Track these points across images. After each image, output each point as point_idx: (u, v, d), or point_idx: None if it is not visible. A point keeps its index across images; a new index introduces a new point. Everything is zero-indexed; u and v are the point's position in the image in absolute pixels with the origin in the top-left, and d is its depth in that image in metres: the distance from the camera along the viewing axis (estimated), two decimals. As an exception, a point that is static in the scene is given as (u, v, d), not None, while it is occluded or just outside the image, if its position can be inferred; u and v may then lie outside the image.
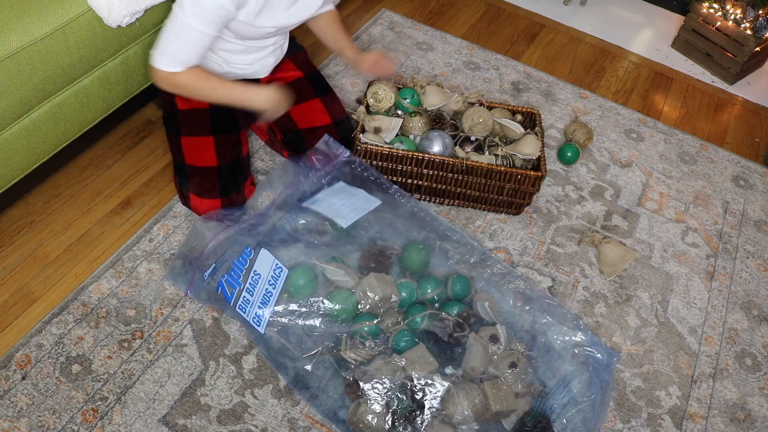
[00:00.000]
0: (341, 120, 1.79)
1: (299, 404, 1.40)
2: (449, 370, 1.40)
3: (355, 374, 1.36)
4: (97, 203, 1.71)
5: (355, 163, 1.70)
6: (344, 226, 1.56)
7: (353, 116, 1.81)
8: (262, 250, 1.48)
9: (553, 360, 1.49)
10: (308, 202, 1.63)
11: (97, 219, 1.68)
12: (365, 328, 1.43)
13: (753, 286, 1.85)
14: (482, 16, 2.69)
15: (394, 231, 1.62)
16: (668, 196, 2.05)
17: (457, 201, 1.85)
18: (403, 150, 1.71)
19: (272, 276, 1.45)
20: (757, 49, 2.47)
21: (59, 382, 1.36)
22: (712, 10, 2.53)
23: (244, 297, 1.45)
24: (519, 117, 1.91)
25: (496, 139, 1.85)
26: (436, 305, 1.47)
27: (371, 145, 1.71)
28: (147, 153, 1.85)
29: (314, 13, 1.63)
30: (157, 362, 1.42)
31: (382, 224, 1.63)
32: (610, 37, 2.70)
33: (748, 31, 2.44)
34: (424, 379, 1.34)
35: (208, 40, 1.43)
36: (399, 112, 1.86)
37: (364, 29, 2.44)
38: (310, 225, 1.61)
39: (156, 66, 1.45)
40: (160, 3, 1.59)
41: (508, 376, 1.40)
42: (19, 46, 1.34)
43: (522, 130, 1.85)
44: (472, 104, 1.90)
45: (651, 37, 2.77)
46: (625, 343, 1.64)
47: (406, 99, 1.83)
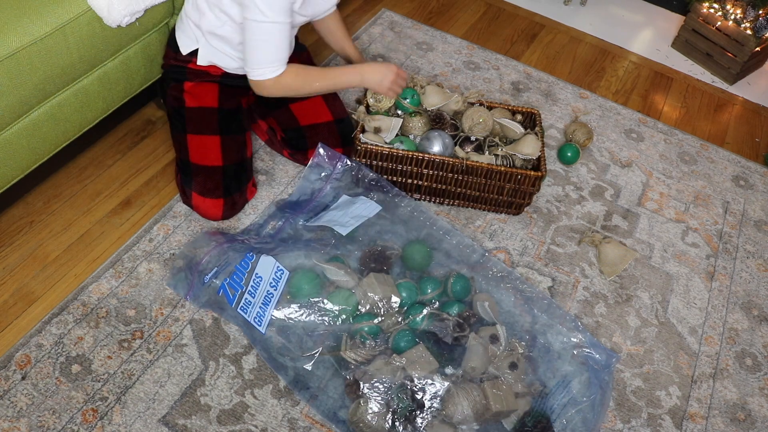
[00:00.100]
0: (342, 118, 1.80)
1: (299, 404, 1.40)
2: (449, 370, 1.40)
3: (355, 374, 1.36)
4: (97, 203, 1.71)
5: (355, 169, 1.70)
6: (344, 233, 1.57)
7: (353, 116, 1.81)
8: (264, 255, 1.49)
9: (552, 360, 1.49)
10: (312, 221, 1.64)
11: (97, 219, 1.68)
12: (365, 328, 1.43)
13: (753, 286, 1.84)
14: (482, 16, 2.69)
15: (394, 233, 1.62)
16: (668, 196, 2.05)
17: (457, 201, 1.85)
18: (403, 150, 1.71)
19: (273, 278, 1.46)
20: (758, 49, 2.46)
21: (59, 382, 1.36)
22: (712, 10, 2.53)
23: (245, 299, 1.45)
24: (519, 117, 1.91)
25: (496, 139, 1.85)
26: (436, 305, 1.47)
27: (371, 145, 1.71)
28: (147, 153, 1.85)
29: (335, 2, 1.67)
30: (157, 362, 1.42)
31: (382, 225, 1.63)
32: (610, 37, 2.70)
33: (749, 31, 2.44)
34: (424, 379, 1.34)
35: (288, 29, 1.50)
36: (399, 112, 1.86)
37: (364, 29, 2.44)
38: (312, 229, 1.63)
39: (261, 78, 1.53)
40: (160, 3, 1.59)
41: (508, 376, 1.40)
42: (19, 46, 1.34)
43: (522, 130, 1.85)
44: (472, 104, 1.90)
45: (651, 37, 2.76)
46: (625, 343, 1.64)
47: (406, 99, 1.83)
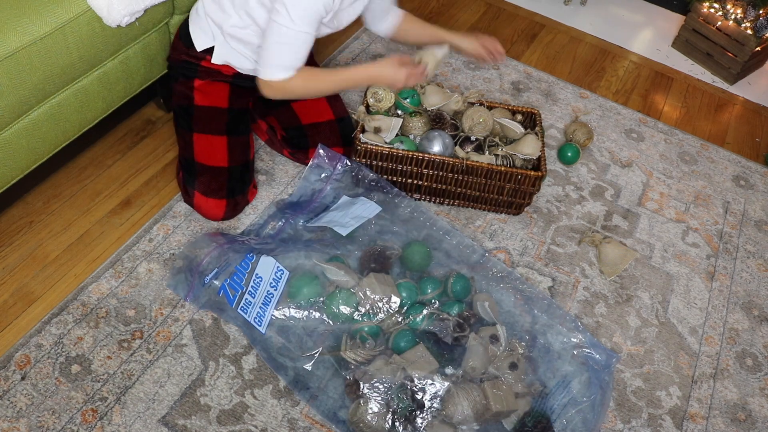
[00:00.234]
0: (343, 117, 1.81)
1: (299, 404, 1.40)
2: (449, 370, 1.40)
3: (355, 374, 1.36)
4: (97, 203, 1.71)
5: (355, 170, 1.70)
6: (344, 234, 1.57)
7: (353, 116, 1.81)
8: (264, 256, 1.49)
9: (553, 360, 1.49)
10: (313, 222, 1.64)
11: (96, 219, 1.68)
12: (365, 328, 1.42)
13: (753, 286, 1.84)
14: (482, 16, 2.68)
15: (394, 233, 1.62)
16: (668, 196, 2.04)
17: (457, 201, 1.85)
18: (403, 150, 1.71)
19: (274, 278, 1.46)
20: (758, 48, 2.46)
21: (59, 383, 1.36)
22: (712, 10, 2.53)
23: (246, 299, 1.45)
24: (519, 117, 1.91)
25: (497, 139, 1.85)
26: (436, 305, 1.47)
27: (371, 145, 1.71)
28: (147, 153, 1.85)
29: (360, 13, 1.64)
30: (156, 362, 1.42)
31: (382, 226, 1.63)
32: (610, 37, 2.70)
33: (749, 31, 2.44)
34: (424, 379, 1.34)
35: (312, 40, 1.49)
36: (399, 112, 1.86)
37: (364, 29, 2.43)
38: (312, 229, 1.63)
39: (270, 78, 1.50)
40: (159, 3, 1.59)
41: (508, 377, 1.40)
42: (18, 45, 1.34)
43: (522, 130, 1.85)
44: (472, 104, 1.90)
45: (651, 37, 2.76)
46: (626, 343, 1.64)
47: (406, 99, 1.83)
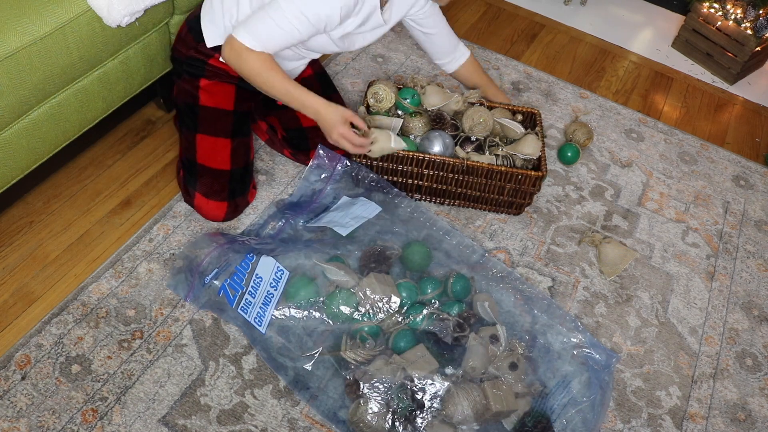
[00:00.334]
0: None
1: (299, 404, 1.40)
2: (449, 370, 1.40)
3: (355, 374, 1.36)
4: (97, 203, 1.71)
5: (355, 170, 1.70)
6: (344, 234, 1.57)
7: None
8: (264, 256, 1.49)
9: (552, 360, 1.49)
10: (313, 222, 1.64)
11: (96, 219, 1.68)
12: (365, 328, 1.42)
13: (753, 286, 1.84)
14: (482, 15, 2.68)
15: (394, 233, 1.62)
16: (668, 196, 2.04)
17: (457, 201, 1.85)
18: (403, 150, 1.71)
19: (274, 278, 1.46)
20: (758, 48, 2.46)
21: (59, 383, 1.36)
22: (712, 10, 2.53)
23: (246, 299, 1.45)
24: (519, 117, 1.91)
25: (497, 139, 1.85)
26: (436, 305, 1.47)
27: (371, 145, 1.71)
28: (147, 153, 1.85)
29: (374, 42, 1.62)
30: (156, 362, 1.42)
31: (382, 226, 1.63)
32: (610, 37, 2.70)
33: (749, 31, 2.44)
34: (424, 379, 1.34)
35: (297, 40, 1.45)
36: (399, 112, 1.85)
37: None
38: (312, 230, 1.63)
39: (236, 36, 1.44)
40: (159, 3, 1.59)
41: (508, 377, 1.40)
42: (18, 46, 1.34)
43: (522, 130, 1.85)
44: (473, 104, 1.90)
45: (651, 37, 2.76)
46: (626, 343, 1.64)
47: (406, 99, 1.83)
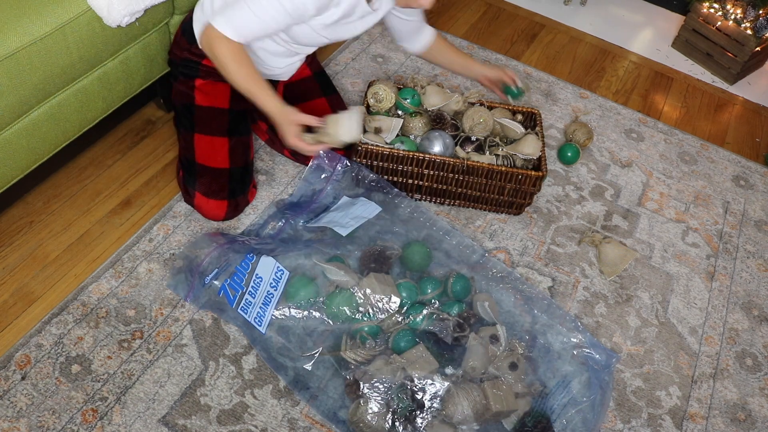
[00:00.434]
0: None
1: (299, 404, 1.40)
2: (449, 370, 1.40)
3: (355, 374, 1.36)
4: (97, 203, 1.71)
5: (355, 170, 1.70)
6: (344, 234, 1.57)
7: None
8: (264, 256, 1.49)
9: (552, 360, 1.49)
10: (313, 222, 1.64)
11: (96, 219, 1.68)
12: (365, 328, 1.42)
13: (753, 286, 1.84)
14: (482, 15, 2.68)
15: (394, 233, 1.62)
16: (668, 196, 2.04)
17: (457, 201, 1.85)
18: (403, 150, 1.71)
19: (274, 278, 1.46)
20: (758, 48, 2.46)
21: (59, 383, 1.36)
22: (712, 10, 2.53)
23: (246, 299, 1.45)
24: (519, 117, 1.91)
25: (497, 139, 1.85)
26: (436, 305, 1.47)
27: (372, 145, 1.71)
28: (147, 153, 1.85)
29: (366, 30, 1.62)
30: (156, 362, 1.42)
31: (382, 226, 1.63)
32: (610, 37, 2.70)
33: (749, 31, 2.44)
34: (424, 379, 1.34)
35: (273, 29, 1.45)
36: (399, 112, 1.85)
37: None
38: (312, 230, 1.63)
39: (213, 24, 1.43)
40: (159, 3, 1.59)
41: (508, 377, 1.40)
42: (18, 46, 1.34)
43: (522, 130, 1.85)
44: (473, 104, 1.90)
45: (651, 37, 2.76)
46: (626, 343, 1.64)
47: (406, 99, 1.83)
